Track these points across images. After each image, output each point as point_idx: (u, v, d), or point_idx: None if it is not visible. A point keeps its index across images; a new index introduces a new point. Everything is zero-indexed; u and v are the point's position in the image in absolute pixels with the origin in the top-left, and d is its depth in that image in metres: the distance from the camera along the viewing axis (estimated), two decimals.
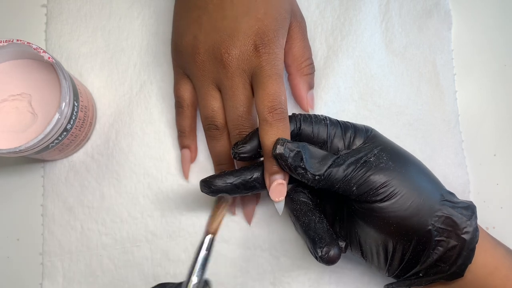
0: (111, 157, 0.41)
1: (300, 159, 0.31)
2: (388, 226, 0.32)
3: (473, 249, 0.31)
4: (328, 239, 0.32)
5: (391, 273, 0.34)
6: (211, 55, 0.36)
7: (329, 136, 0.34)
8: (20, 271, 0.41)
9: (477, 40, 0.44)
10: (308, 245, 0.33)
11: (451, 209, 0.32)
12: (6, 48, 0.35)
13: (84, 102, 0.38)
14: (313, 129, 0.34)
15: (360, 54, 0.42)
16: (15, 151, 0.34)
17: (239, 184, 0.34)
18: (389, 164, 0.32)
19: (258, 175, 0.34)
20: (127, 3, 0.43)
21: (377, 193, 0.31)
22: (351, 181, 0.32)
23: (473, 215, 0.32)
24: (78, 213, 0.40)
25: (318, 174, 0.32)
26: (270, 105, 0.33)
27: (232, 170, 0.35)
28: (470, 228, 0.31)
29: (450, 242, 0.31)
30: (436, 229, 0.31)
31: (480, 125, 0.43)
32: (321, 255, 0.31)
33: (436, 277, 0.32)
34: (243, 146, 0.34)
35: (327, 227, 0.33)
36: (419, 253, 0.32)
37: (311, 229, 0.33)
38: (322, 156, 0.32)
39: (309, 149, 0.32)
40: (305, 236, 0.33)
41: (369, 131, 0.35)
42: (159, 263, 0.40)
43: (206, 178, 0.35)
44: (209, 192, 0.34)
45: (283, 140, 0.32)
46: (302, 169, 0.31)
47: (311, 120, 0.35)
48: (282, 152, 0.31)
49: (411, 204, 0.31)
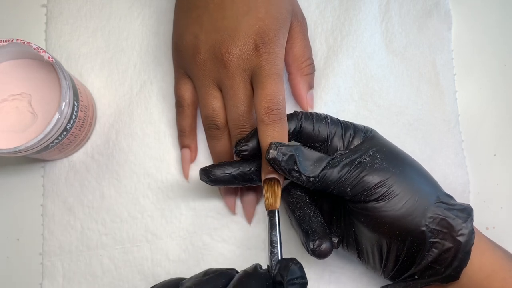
0: (111, 157, 0.41)
1: (294, 162, 0.32)
2: (382, 225, 0.32)
3: (468, 251, 0.31)
4: (321, 232, 0.32)
5: (387, 274, 0.34)
6: (212, 55, 0.36)
7: (330, 135, 0.34)
8: (20, 271, 0.41)
9: (477, 40, 0.44)
10: (301, 238, 0.33)
11: (446, 211, 0.32)
12: (6, 48, 0.35)
13: (84, 102, 0.38)
14: (314, 127, 0.34)
15: (360, 54, 0.42)
16: (15, 151, 0.34)
17: (237, 175, 0.35)
18: (383, 165, 0.32)
19: (256, 168, 0.35)
20: (127, 3, 0.43)
21: (371, 194, 0.32)
22: (345, 182, 0.32)
23: (469, 218, 0.32)
24: (78, 213, 0.40)
25: (313, 176, 0.32)
26: (267, 105, 0.33)
27: (232, 161, 0.35)
28: (465, 230, 0.31)
29: (445, 244, 0.31)
30: (430, 230, 0.31)
31: (480, 125, 0.43)
32: (312, 248, 0.32)
33: (431, 279, 0.32)
34: (245, 144, 0.35)
35: (321, 221, 0.34)
36: (413, 254, 0.32)
37: (305, 222, 0.33)
38: (316, 158, 0.33)
39: (303, 151, 0.32)
40: (298, 229, 0.34)
41: (369, 131, 0.35)
42: (159, 263, 0.40)
43: (206, 167, 0.35)
44: (208, 180, 0.35)
45: (276, 144, 0.32)
46: (296, 172, 0.32)
47: (312, 118, 0.35)
48: (275, 156, 0.31)
49: (404, 205, 0.31)
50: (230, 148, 0.38)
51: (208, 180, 0.35)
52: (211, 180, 0.35)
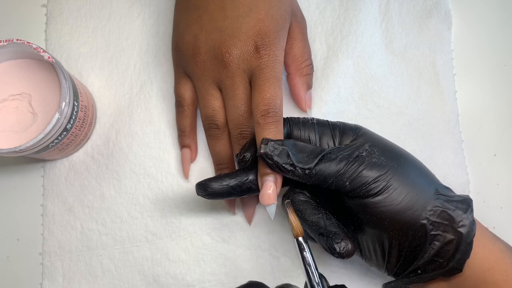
0: (111, 157, 0.41)
1: (287, 156, 0.31)
2: (382, 221, 0.32)
3: (470, 242, 0.31)
4: (342, 233, 0.31)
5: (390, 271, 0.34)
6: (212, 55, 0.36)
7: (318, 137, 0.34)
8: (20, 271, 0.41)
9: (477, 40, 0.44)
10: (323, 244, 0.32)
11: (446, 202, 0.32)
12: (6, 47, 0.35)
13: (84, 102, 0.38)
14: (301, 131, 0.35)
15: (360, 54, 0.42)
16: (15, 151, 0.34)
17: (235, 186, 0.34)
18: (381, 159, 0.32)
19: (254, 177, 0.34)
20: (127, 3, 0.43)
21: (369, 188, 0.31)
22: (344, 175, 0.32)
23: (469, 208, 0.32)
24: (78, 213, 0.40)
25: (308, 167, 0.32)
26: (264, 108, 0.33)
27: (228, 173, 0.35)
28: (466, 221, 0.31)
29: (447, 236, 0.31)
30: (431, 223, 0.31)
31: (480, 125, 0.43)
32: (339, 251, 0.30)
33: (435, 273, 0.32)
34: (246, 153, 0.35)
35: (336, 222, 0.32)
36: (415, 248, 0.32)
37: (322, 227, 0.32)
38: (310, 150, 0.33)
39: (296, 144, 0.33)
40: (316, 236, 0.32)
41: (358, 129, 0.35)
42: (159, 263, 0.40)
43: (202, 181, 0.34)
44: (205, 195, 0.34)
45: (266, 140, 0.32)
46: (290, 165, 0.32)
47: (299, 121, 0.35)
48: (266, 151, 0.31)
49: (404, 198, 0.31)
50: (230, 148, 0.38)
51: (205, 194, 0.34)
52: (208, 194, 0.34)
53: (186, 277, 0.39)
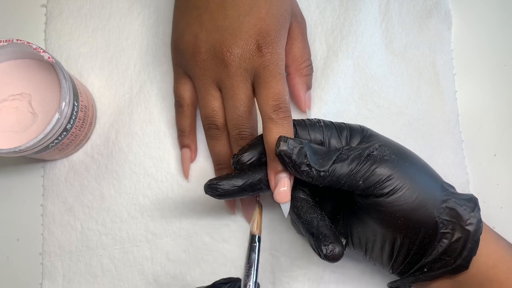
0: (111, 157, 0.41)
1: (304, 156, 0.31)
2: (395, 220, 0.31)
3: (477, 240, 0.31)
4: (332, 236, 0.32)
5: (395, 269, 0.33)
6: (213, 54, 0.36)
7: (326, 138, 0.34)
8: (20, 271, 0.41)
9: (477, 40, 0.44)
10: (311, 243, 0.32)
11: (454, 200, 0.32)
12: (6, 48, 0.35)
13: (84, 102, 0.38)
14: (309, 133, 0.34)
15: (360, 54, 0.42)
16: (15, 151, 0.34)
17: (247, 187, 0.33)
18: (392, 157, 0.32)
19: (263, 176, 0.34)
20: (127, 3, 0.43)
21: (383, 186, 0.31)
22: (357, 175, 0.31)
23: (476, 207, 0.32)
24: (78, 213, 0.40)
25: (323, 170, 0.31)
26: (275, 103, 0.33)
27: (238, 173, 0.34)
28: (474, 219, 0.31)
29: (455, 234, 0.31)
30: (441, 221, 0.31)
31: (480, 125, 0.43)
32: (325, 253, 0.31)
33: (441, 271, 0.32)
34: (242, 156, 0.34)
35: (329, 225, 0.33)
36: (424, 246, 0.31)
37: (314, 227, 0.32)
38: (325, 152, 0.32)
39: (311, 146, 0.32)
40: (307, 234, 0.33)
41: (365, 130, 0.35)
42: (159, 263, 0.40)
43: (212, 181, 0.34)
44: (215, 195, 0.33)
45: (285, 137, 0.31)
46: (307, 166, 0.31)
47: (305, 124, 0.34)
48: (286, 148, 0.30)
49: (417, 196, 0.31)
50: (230, 148, 0.38)
51: (215, 194, 0.33)
52: (219, 195, 0.33)
53: (186, 277, 0.39)
